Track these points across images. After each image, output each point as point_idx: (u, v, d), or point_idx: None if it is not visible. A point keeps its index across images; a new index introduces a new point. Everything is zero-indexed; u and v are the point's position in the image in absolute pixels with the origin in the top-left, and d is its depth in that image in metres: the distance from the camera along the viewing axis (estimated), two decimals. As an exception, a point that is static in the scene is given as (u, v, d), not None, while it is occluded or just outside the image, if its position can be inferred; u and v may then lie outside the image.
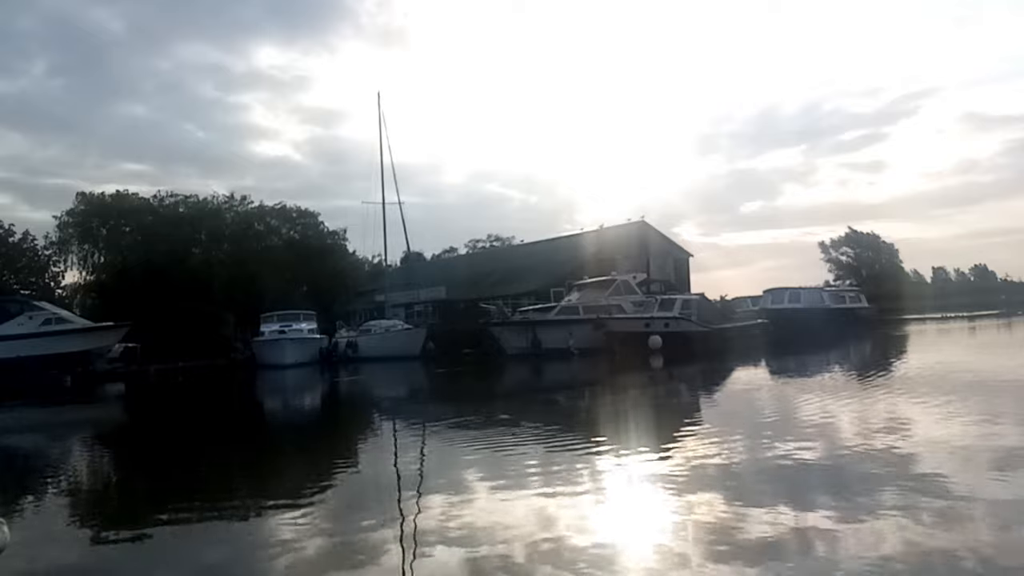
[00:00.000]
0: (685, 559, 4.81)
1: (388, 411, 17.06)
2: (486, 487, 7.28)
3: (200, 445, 12.53)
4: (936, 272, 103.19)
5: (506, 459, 8.81)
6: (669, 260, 48.93)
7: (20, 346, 28.72)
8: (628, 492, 7.03)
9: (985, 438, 8.26)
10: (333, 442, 12.48)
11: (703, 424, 11.49)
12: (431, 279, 48.41)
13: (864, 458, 7.52)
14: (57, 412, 19.45)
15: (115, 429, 16.69)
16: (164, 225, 45.14)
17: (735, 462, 7.82)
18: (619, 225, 48.86)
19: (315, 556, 5.32)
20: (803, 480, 6.85)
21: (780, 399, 13.63)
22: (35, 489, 8.98)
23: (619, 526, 5.85)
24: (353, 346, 35.25)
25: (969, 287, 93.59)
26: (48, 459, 11.67)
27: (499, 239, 77.53)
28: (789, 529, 5.26)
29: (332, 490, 8.02)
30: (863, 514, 5.49)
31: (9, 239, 44.77)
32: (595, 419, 13.20)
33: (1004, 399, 11.47)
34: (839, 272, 77.21)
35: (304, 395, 22.94)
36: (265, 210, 50.62)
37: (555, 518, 5.94)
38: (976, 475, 6.58)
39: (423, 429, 12.77)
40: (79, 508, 7.94)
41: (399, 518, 6.31)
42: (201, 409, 19.53)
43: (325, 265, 48.96)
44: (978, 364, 17.25)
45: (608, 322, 28.92)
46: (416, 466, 9.13)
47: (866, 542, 4.89)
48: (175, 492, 8.23)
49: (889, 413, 10.58)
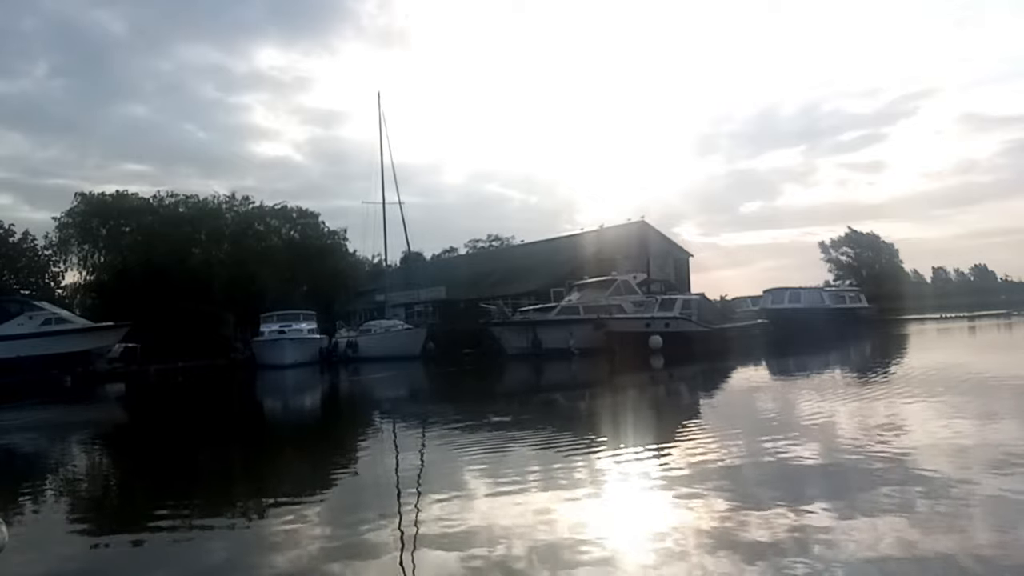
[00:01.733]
0: (684, 558, 4.80)
1: (388, 411, 17.05)
2: (486, 487, 7.27)
3: (200, 445, 12.52)
4: (936, 272, 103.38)
5: (506, 459, 8.81)
6: (669, 260, 48.91)
7: (20, 346, 28.73)
8: (628, 492, 7.02)
9: (984, 438, 8.26)
10: (333, 442, 12.48)
11: (704, 424, 11.49)
12: (431, 279, 48.40)
13: (864, 457, 7.51)
14: (57, 412, 19.43)
15: (115, 429, 16.68)
16: (164, 225, 45.10)
17: (736, 462, 7.81)
18: (619, 225, 48.82)
19: (315, 556, 5.31)
20: (803, 480, 6.84)
21: (780, 399, 13.61)
22: (35, 489, 8.97)
23: (619, 526, 5.84)
24: (353, 346, 35.25)
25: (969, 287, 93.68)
26: (48, 459, 11.67)
27: (499, 239, 77.53)
28: (789, 528, 5.25)
29: (332, 490, 8.02)
30: (863, 513, 5.48)
31: (9, 239, 44.73)
32: (596, 419, 13.18)
33: (1004, 399, 11.47)
34: (839, 272, 77.12)
35: (304, 395, 22.92)
36: (265, 210, 50.57)
37: (555, 518, 5.93)
38: (975, 474, 6.56)
39: (423, 429, 12.76)
40: (79, 508, 7.93)
41: (399, 518, 6.30)
42: (201, 409, 19.53)
43: (325, 265, 48.92)
44: (978, 364, 17.22)
45: (608, 322, 28.91)
46: (416, 466, 9.12)
47: (866, 541, 4.88)
48: (175, 492, 8.23)
49: (889, 413, 10.56)
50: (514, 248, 64.47)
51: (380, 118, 41.23)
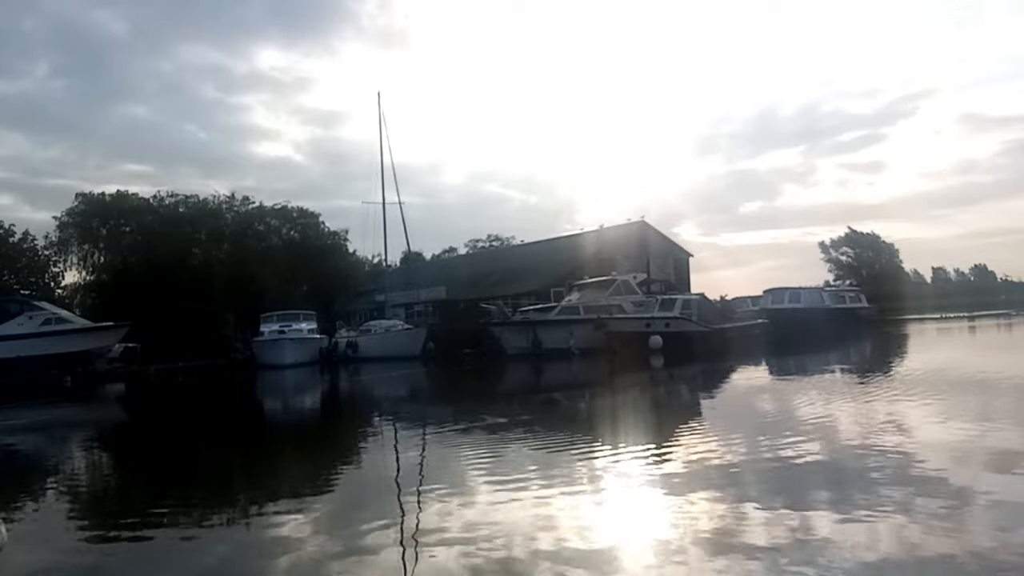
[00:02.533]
0: (685, 558, 4.79)
1: (388, 411, 17.03)
2: (486, 487, 7.26)
3: (200, 445, 12.52)
4: (936, 272, 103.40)
5: (507, 459, 8.80)
6: (669, 260, 48.92)
7: (20, 346, 28.72)
8: (629, 492, 7.01)
9: (984, 437, 8.25)
10: (333, 442, 12.47)
11: (704, 424, 11.47)
12: (431, 279, 48.40)
13: (864, 457, 7.50)
14: (57, 412, 19.42)
15: (115, 429, 16.68)
16: (164, 225, 45.09)
17: (736, 462, 7.80)
18: (619, 225, 48.82)
19: (315, 556, 5.30)
20: (804, 480, 6.82)
21: (781, 399, 13.60)
22: (34, 489, 8.96)
23: (619, 525, 5.84)
24: (353, 346, 35.25)
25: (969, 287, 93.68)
26: (48, 459, 11.66)
27: (499, 239, 77.55)
28: (789, 529, 5.24)
29: (332, 490, 8.02)
30: (863, 513, 5.47)
31: (9, 239, 44.74)
32: (596, 419, 13.18)
33: (1004, 399, 11.46)
34: (839, 272, 77.19)
35: (303, 395, 22.91)
36: (265, 210, 50.54)
37: (556, 518, 5.93)
38: (975, 474, 6.56)
39: (423, 429, 12.75)
40: (78, 508, 7.91)
41: (399, 518, 6.29)
42: (201, 409, 19.53)
43: (325, 265, 48.91)
44: (978, 364, 17.21)
45: (609, 322, 28.91)
46: (416, 466, 9.11)
47: (866, 542, 4.87)
48: (175, 492, 8.23)
49: (889, 413, 10.54)
50: (514, 248, 64.49)
51: (380, 118, 41.30)
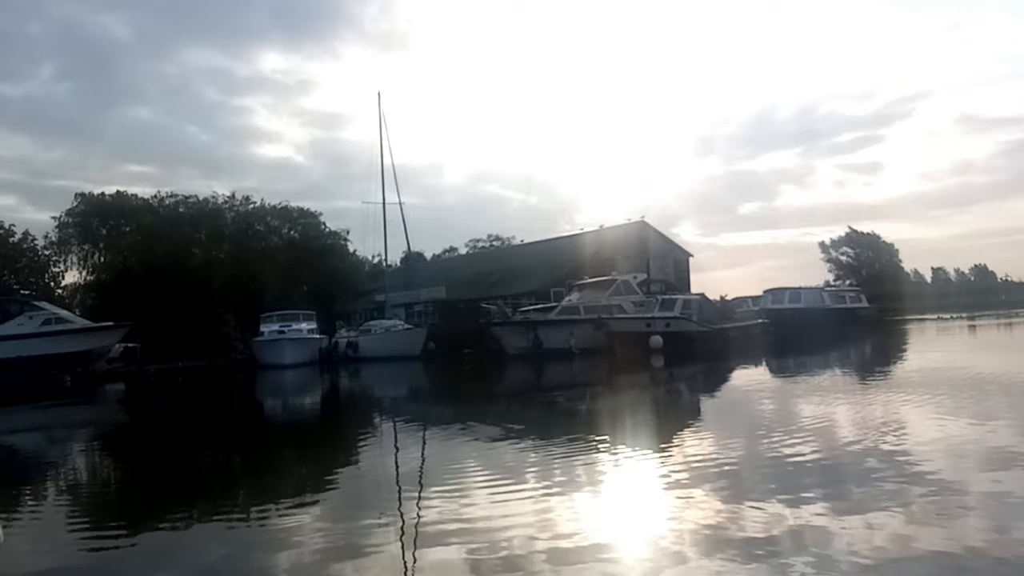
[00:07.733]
0: (685, 556, 4.79)
1: (388, 411, 17.04)
2: (487, 486, 7.26)
3: (200, 445, 12.52)
4: (936, 272, 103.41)
5: (507, 458, 8.80)
6: (669, 260, 48.86)
7: (20, 346, 28.67)
8: (629, 491, 7.02)
9: (983, 437, 8.25)
10: (333, 442, 12.47)
11: (704, 424, 11.48)
12: (431, 279, 48.36)
13: (863, 456, 7.50)
14: (57, 412, 19.41)
15: (115, 429, 16.67)
16: (164, 225, 45.04)
17: (736, 461, 7.81)
18: (619, 225, 48.74)
19: (316, 555, 5.30)
20: (804, 479, 6.81)
21: (781, 399, 13.60)
22: (34, 489, 8.97)
23: (620, 524, 5.85)
24: (353, 346, 35.24)
25: (969, 287, 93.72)
26: (48, 459, 11.67)
27: (499, 239, 77.38)
28: (789, 528, 5.24)
29: (333, 489, 8.02)
30: (863, 513, 5.47)
31: (9, 239, 44.72)
32: (596, 419, 13.18)
33: (1004, 399, 11.45)
34: (839, 272, 77.12)
35: (303, 395, 22.89)
36: (266, 210, 50.48)
37: (556, 516, 5.93)
38: (975, 474, 6.56)
39: (423, 429, 12.75)
40: (78, 508, 7.91)
41: (400, 517, 6.29)
42: (201, 409, 19.52)
43: (325, 265, 48.84)
44: (978, 364, 17.20)
45: (609, 322, 28.91)
46: (417, 465, 9.12)
47: (865, 540, 4.87)
48: (175, 492, 8.23)
49: (889, 413, 10.55)
50: (514, 248, 64.38)
51: (380, 119, 41.24)
